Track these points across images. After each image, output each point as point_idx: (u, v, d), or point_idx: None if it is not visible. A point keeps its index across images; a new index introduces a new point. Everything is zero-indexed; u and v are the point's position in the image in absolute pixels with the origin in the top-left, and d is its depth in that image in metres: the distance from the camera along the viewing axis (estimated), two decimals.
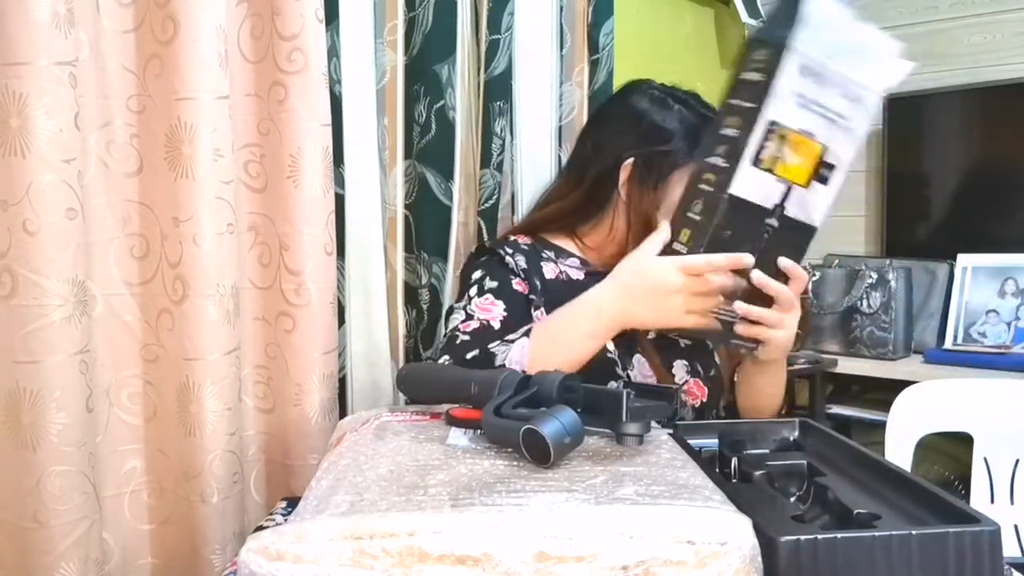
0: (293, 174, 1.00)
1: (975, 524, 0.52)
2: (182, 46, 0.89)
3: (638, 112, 1.13)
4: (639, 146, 1.10)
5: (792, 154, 0.83)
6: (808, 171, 0.85)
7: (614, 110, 1.19)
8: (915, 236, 2.25)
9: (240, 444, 0.99)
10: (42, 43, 0.78)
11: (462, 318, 1.04)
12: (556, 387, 0.70)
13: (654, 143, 1.10)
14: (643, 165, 1.10)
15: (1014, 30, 2.08)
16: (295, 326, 1.03)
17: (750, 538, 0.48)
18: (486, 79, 1.30)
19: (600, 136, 1.17)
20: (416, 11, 1.20)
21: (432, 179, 1.22)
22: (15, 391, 0.80)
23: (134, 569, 0.97)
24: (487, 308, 1.04)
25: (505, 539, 0.47)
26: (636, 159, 1.10)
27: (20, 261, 0.79)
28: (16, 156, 0.78)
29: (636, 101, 1.14)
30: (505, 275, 1.08)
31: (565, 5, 1.45)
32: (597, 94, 1.50)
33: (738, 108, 0.83)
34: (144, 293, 0.95)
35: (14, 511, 0.82)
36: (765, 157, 0.83)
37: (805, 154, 0.84)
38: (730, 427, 0.81)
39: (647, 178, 1.09)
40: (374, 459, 0.63)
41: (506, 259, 1.09)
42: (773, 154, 0.83)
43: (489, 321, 1.03)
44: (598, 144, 1.16)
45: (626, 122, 1.14)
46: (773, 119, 0.81)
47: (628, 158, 1.10)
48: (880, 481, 0.65)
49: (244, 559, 0.48)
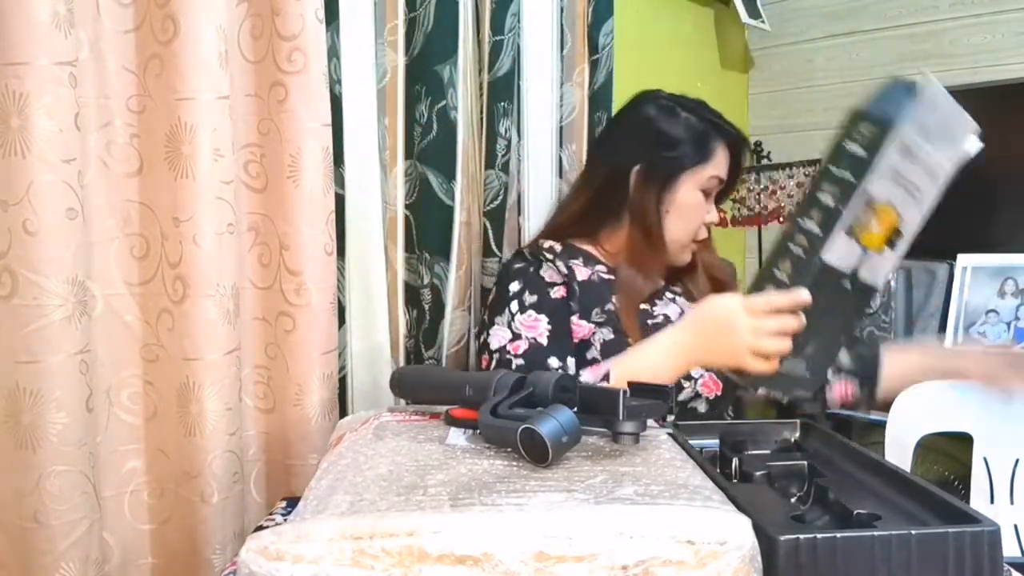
0: (293, 174, 1.00)
1: (975, 524, 0.52)
2: (182, 46, 0.89)
3: (646, 120, 1.18)
4: (647, 153, 1.15)
5: (876, 223, 0.87)
6: (884, 238, 0.88)
7: (624, 119, 1.24)
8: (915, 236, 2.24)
9: (240, 444, 0.99)
10: (42, 43, 0.78)
11: (508, 337, 1.08)
12: (552, 387, 0.70)
13: (662, 150, 1.15)
14: (650, 171, 1.15)
15: (1014, 30, 2.08)
16: (295, 326, 1.03)
17: (750, 538, 0.48)
18: (490, 80, 1.30)
19: (610, 145, 1.23)
20: (417, 11, 1.20)
21: (434, 179, 1.22)
22: (15, 391, 0.80)
23: (134, 569, 0.97)
24: (532, 325, 1.09)
25: (505, 539, 0.47)
26: (643, 165, 1.15)
27: (20, 261, 0.79)
28: (16, 156, 0.78)
29: (644, 110, 1.19)
30: (543, 286, 1.12)
31: (565, 6, 1.45)
32: (597, 94, 1.50)
33: (838, 178, 0.85)
34: (144, 293, 0.95)
35: (14, 511, 0.82)
36: (855, 226, 0.86)
37: (886, 223, 0.88)
38: (731, 428, 0.81)
39: (655, 183, 1.14)
40: (374, 459, 0.64)
41: (544, 265, 1.13)
42: (861, 223, 0.86)
43: (536, 339, 1.07)
44: (608, 152, 1.22)
45: (635, 130, 1.20)
46: (870, 194, 0.84)
47: (636, 165, 1.15)
48: (880, 481, 0.65)
49: (244, 559, 0.48)
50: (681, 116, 1.16)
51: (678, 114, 1.16)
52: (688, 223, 1.17)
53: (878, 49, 2.28)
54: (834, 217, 0.85)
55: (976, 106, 0.82)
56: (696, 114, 1.17)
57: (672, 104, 1.18)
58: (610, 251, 1.20)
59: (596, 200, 1.20)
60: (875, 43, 2.29)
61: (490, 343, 1.10)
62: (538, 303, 1.10)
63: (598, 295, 1.13)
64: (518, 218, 1.41)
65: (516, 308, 1.10)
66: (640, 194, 1.14)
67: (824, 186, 0.86)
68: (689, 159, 1.14)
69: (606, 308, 1.13)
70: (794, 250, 0.89)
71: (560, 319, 1.10)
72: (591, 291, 1.13)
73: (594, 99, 1.50)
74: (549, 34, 1.42)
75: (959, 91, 0.80)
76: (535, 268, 1.14)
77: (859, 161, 0.83)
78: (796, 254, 0.88)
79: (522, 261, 1.17)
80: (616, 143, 1.22)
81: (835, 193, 0.85)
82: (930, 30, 2.20)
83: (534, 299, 1.11)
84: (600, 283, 1.15)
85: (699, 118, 1.16)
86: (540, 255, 1.15)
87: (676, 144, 1.14)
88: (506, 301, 1.12)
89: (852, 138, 0.85)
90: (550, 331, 1.08)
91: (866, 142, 0.84)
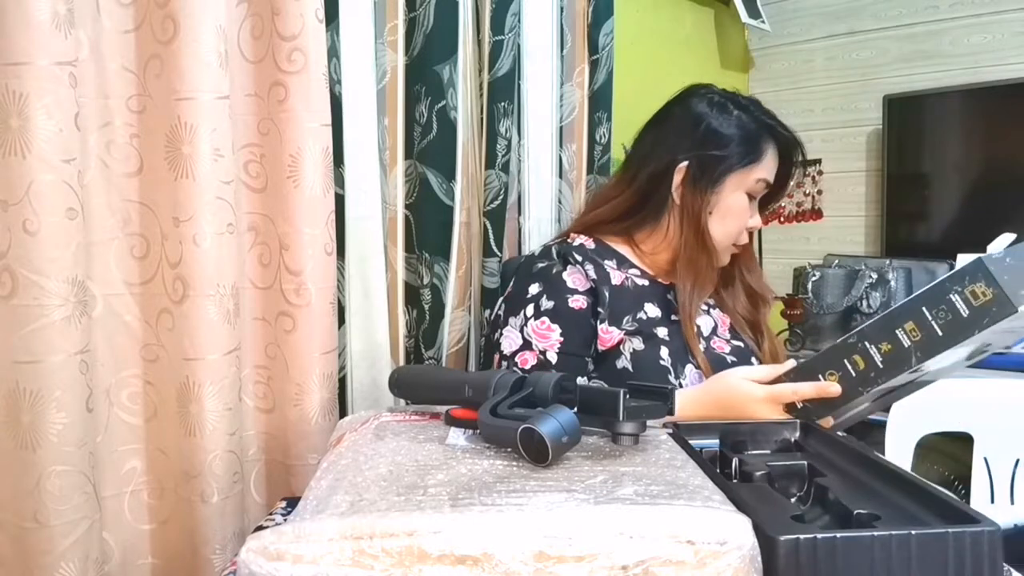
0: (293, 174, 1.00)
1: (975, 524, 0.52)
2: (182, 46, 0.89)
3: (697, 115, 1.13)
4: (695, 149, 1.10)
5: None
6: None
7: (674, 112, 1.18)
8: (915, 236, 2.25)
9: (240, 444, 0.99)
10: (42, 43, 0.78)
11: (519, 343, 1.05)
12: (552, 387, 0.70)
13: (710, 148, 1.10)
14: (697, 168, 1.10)
15: (1014, 30, 2.08)
16: (295, 326, 1.03)
17: (749, 538, 0.48)
18: (490, 80, 1.30)
19: (658, 137, 1.16)
20: (417, 11, 1.20)
21: (433, 179, 1.22)
22: (15, 391, 0.80)
23: (134, 569, 0.97)
24: (544, 335, 1.05)
25: (505, 539, 0.47)
26: (691, 162, 1.10)
27: (20, 261, 0.79)
28: (16, 156, 0.78)
29: (695, 105, 1.14)
30: (563, 291, 1.07)
31: (565, 6, 1.45)
32: (597, 94, 1.50)
33: (928, 327, 0.79)
34: (144, 293, 0.95)
35: (14, 511, 0.82)
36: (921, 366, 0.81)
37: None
38: (731, 428, 0.81)
39: (700, 181, 1.10)
40: (374, 459, 0.63)
41: (570, 267, 1.08)
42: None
43: (546, 352, 1.04)
44: (655, 145, 1.16)
45: (684, 125, 1.14)
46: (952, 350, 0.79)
47: (683, 161, 1.10)
48: (880, 481, 0.65)
49: (244, 559, 0.48)
50: (734, 114, 1.11)
51: (730, 111, 1.11)
52: (730, 226, 1.12)
53: (878, 49, 2.29)
54: (906, 362, 0.80)
55: (976, 106, 0.82)
56: (749, 112, 1.12)
57: (724, 100, 1.13)
58: (645, 251, 1.16)
59: (637, 196, 1.14)
60: (875, 43, 2.29)
61: (502, 345, 1.07)
62: (554, 310, 1.05)
63: (631, 302, 1.08)
64: (518, 218, 1.41)
65: (531, 312, 1.06)
66: (684, 191, 1.10)
67: (907, 325, 0.80)
68: (739, 159, 1.09)
69: (638, 316, 1.08)
70: (848, 367, 0.85)
71: (573, 332, 1.05)
72: (623, 297, 1.09)
73: (594, 99, 1.50)
74: (549, 34, 1.42)
75: (959, 91, 0.80)
76: (559, 270, 1.08)
77: (959, 323, 0.77)
78: (848, 371, 0.85)
79: (547, 260, 1.11)
80: (663, 137, 1.15)
81: (917, 341, 0.79)
82: (930, 30, 2.20)
83: (551, 305, 1.06)
84: (634, 289, 1.11)
85: (752, 117, 1.11)
86: (569, 255, 1.10)
87: (727, 142, 1.09)
88: (523, 302, 1.07)
89: (961, 288, 0.77)
90: (561, 344, 1.04)
91: (975, 304, 0.76)
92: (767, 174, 1.12)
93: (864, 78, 2.31)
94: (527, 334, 1.05)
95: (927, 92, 2.15)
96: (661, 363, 1.06)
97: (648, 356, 1.06)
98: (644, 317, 1.09)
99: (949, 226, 2.19)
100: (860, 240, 2.36)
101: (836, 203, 2.38)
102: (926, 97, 2.15)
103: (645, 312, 1.09)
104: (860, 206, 2.35)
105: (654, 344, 1.07)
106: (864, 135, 2.32)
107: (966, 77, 2.12)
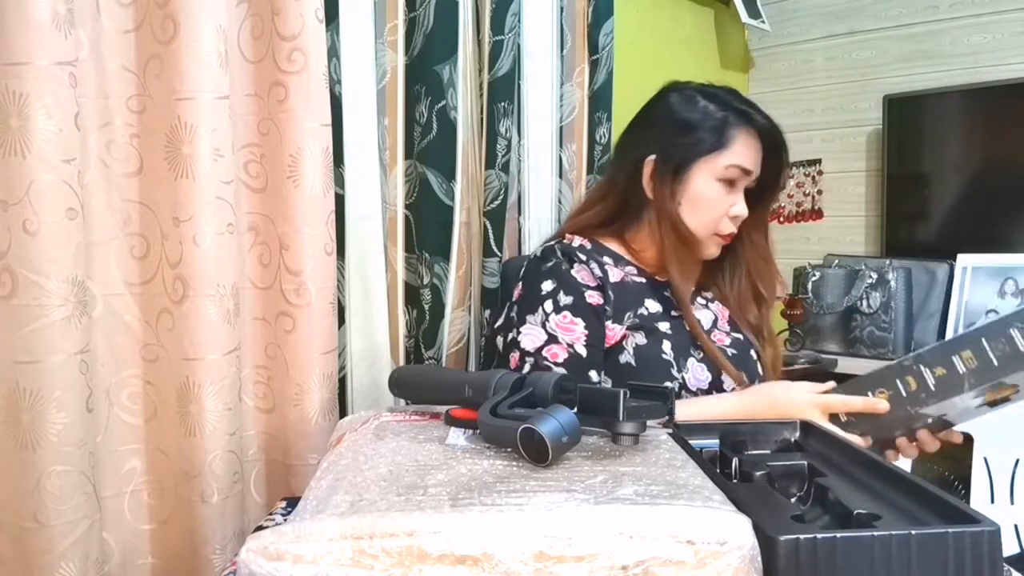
0: (293, 174, 1.00)
1: (975, 524, 0.52)
2: (182, 46, 0.89)
3: (665, 110, 1.14)
4: (661, 142, 1.11)
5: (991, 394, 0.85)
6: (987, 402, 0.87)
7: (647, 111, 1.19)
8: (915, 236, 2.24)
9: (240, 444, 0.99)
10: (42, 43, 0.78)
11: (544, 339, 1.04)
12: (551, 387, 0.70)
13: (675, 138, 1.10)
14: (662, 160, 1.11)
15: (1014, 30, 2.08)
16: (295, 326, 1.03)
17: (749, 538, 0.48)
18: (490, 80, 1.30)
19: (632, 137, 1.19)
20: (417, 11, 1.20)
21: (433, 179, 1.22)
22: (15, 391, 0.80)
23: (134, 569, 0.97)
24: (569, 328, 1.05)
25: (505, 539, 0.47)
26: (657, 155, 1.11)
27: (20, 261, 0.79)
28: (16, 156, 0.78)
29: (666, 101, 1.15)
30: (577, 287, 1.07)
31: (565, 6, 1.45)
32: (597, 94, 1.50)
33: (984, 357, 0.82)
34: (144, 293, 0.95)
35: (14, 511, 0.82)
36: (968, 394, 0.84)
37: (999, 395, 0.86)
38: (731, 428, 0.81)
39: (666, 171, 1.10)
40: (374, 459, 0.63)
41: (576, 265, 1.09)
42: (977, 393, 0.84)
43: (574, 345, 1.04)
44: (629, 146, 1.18)
45: (653, 121, 1.16)
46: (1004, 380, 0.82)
47: (650, 155, 1.11)
48: (880, 481, 0.65)
49: (244, 559, 0.48)
50: (700, 104, 1.11)
51: (697, 101, 1.12)
52: (704, 216, 1.10)
53: (878, 49, 2.29)
54: (958, 387, 0.84)
55: (976, 106, 0.82)
56: (717, 100, 1.11)
57: (693, 92, 1.13)
58: (637, 250, 1.16)
59: (618, 199, 1.15)
60: (875, 43, 2.29)
61: (522, 343, 1.05)
62: (573, 305, 1.05)
63: (632, 298, 1.09)
64: (518, 218, 1.41)
65: (551, 308, 1.05)
66: (655, 186, 1.10)
67: (964, 353, 0.83)
68: (704, 145, 1.08)
69: (639, 312, 1.09)
70: (900, 386, 0.89)
71: (595, 326, 1.05)
72: (624, 294, 1.09)
73: (594, 99, 1.50)
74: (549, 34, 1.42)
75: (959, 91, 0.79)
76: (567, 267, 1.08)
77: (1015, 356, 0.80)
78: (899, 390, 0.89)
79: (553, 258, 1.11)
80: (636, 136, 1.17)
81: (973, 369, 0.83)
82: (930, 30, 2.20)
83: (569, 300, 1.06)
84: (633, 286, 1.12)
85: (720, 105, 1.11)
86: (572, 254, 1.10)
87: (690, 131, 1.09)
88: (539, 299, 1.07)
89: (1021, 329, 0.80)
90: (587, 337, 1.04)
91: None
92: (738, 160, 1.10)
93: (864, 78, 2.31)
94: (551, 329, 1.04)
95: (927, 92, 2.15)
96: (663, 357, 1.06)
97: (651, 350, 1.06)
98: (645, 313, 1.10)
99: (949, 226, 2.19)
100: (860, 240, 2.36)
101: (836, 203, 2.38)
102: (926, 97, 2.15)
103: (646, 308, 1.10)
104: (860, 206, 2.35)
105: (656, 339, 1.08)
106: (864, 135, 2.32)
107: (966, 77, 2.12)
